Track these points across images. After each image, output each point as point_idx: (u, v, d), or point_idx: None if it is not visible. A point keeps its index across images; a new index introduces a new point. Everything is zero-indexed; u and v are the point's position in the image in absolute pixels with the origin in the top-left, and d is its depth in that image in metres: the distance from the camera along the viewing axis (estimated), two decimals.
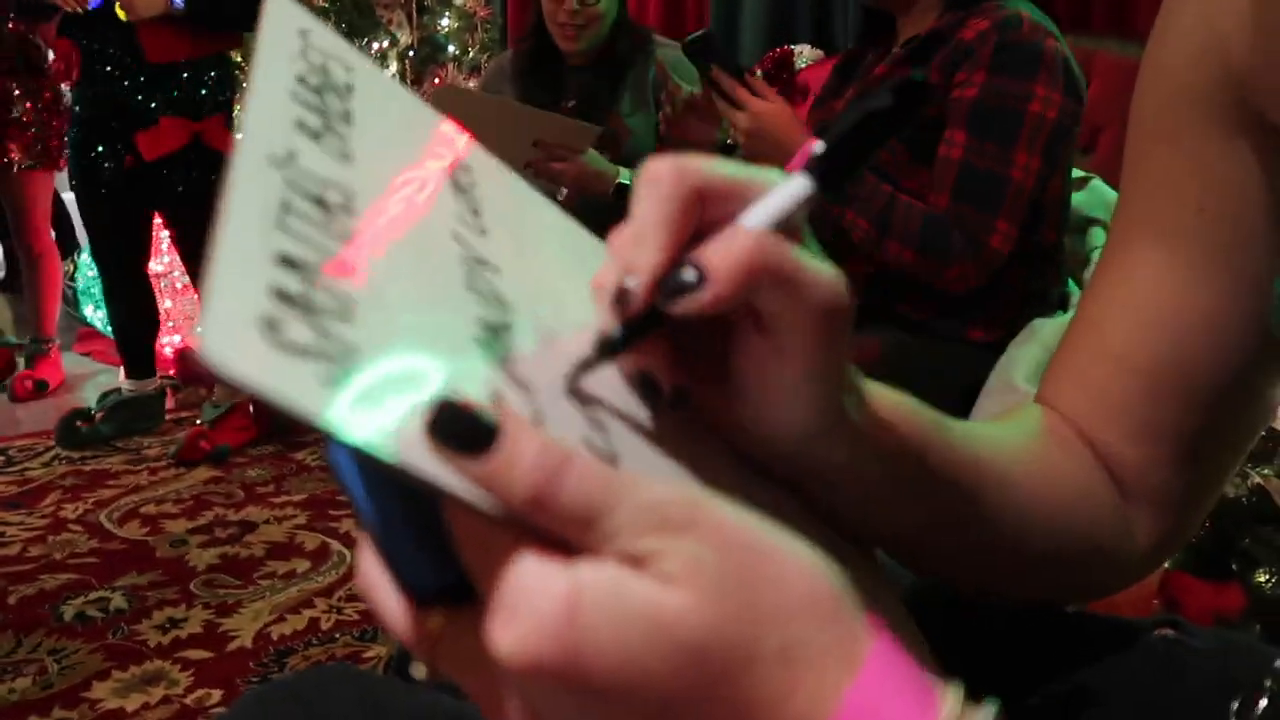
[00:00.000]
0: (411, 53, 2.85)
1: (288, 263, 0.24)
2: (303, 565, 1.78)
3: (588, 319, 0.31)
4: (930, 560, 0.43)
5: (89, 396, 2.73)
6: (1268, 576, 0.91)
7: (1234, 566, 0.97)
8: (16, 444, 2.43)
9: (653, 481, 0.25)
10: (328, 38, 0.33)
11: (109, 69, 2.18)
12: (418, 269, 0.28)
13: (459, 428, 0.23)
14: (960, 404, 1.30)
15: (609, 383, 0.32)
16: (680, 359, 0.31)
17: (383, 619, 0.26)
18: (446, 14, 2.84)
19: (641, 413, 0.32)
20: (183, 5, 2.07)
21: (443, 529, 0.25)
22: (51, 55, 2.47)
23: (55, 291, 2.86)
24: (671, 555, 0.24)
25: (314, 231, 0.25)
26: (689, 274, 0.28)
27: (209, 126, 2.21)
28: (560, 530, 0.24)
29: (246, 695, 0.40)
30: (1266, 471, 0.96)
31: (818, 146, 0.30)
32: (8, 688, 1.41)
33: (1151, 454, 0.46)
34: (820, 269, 0.29)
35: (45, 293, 2.80)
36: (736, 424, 0.33)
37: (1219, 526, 0.99)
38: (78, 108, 2.28)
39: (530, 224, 0.38)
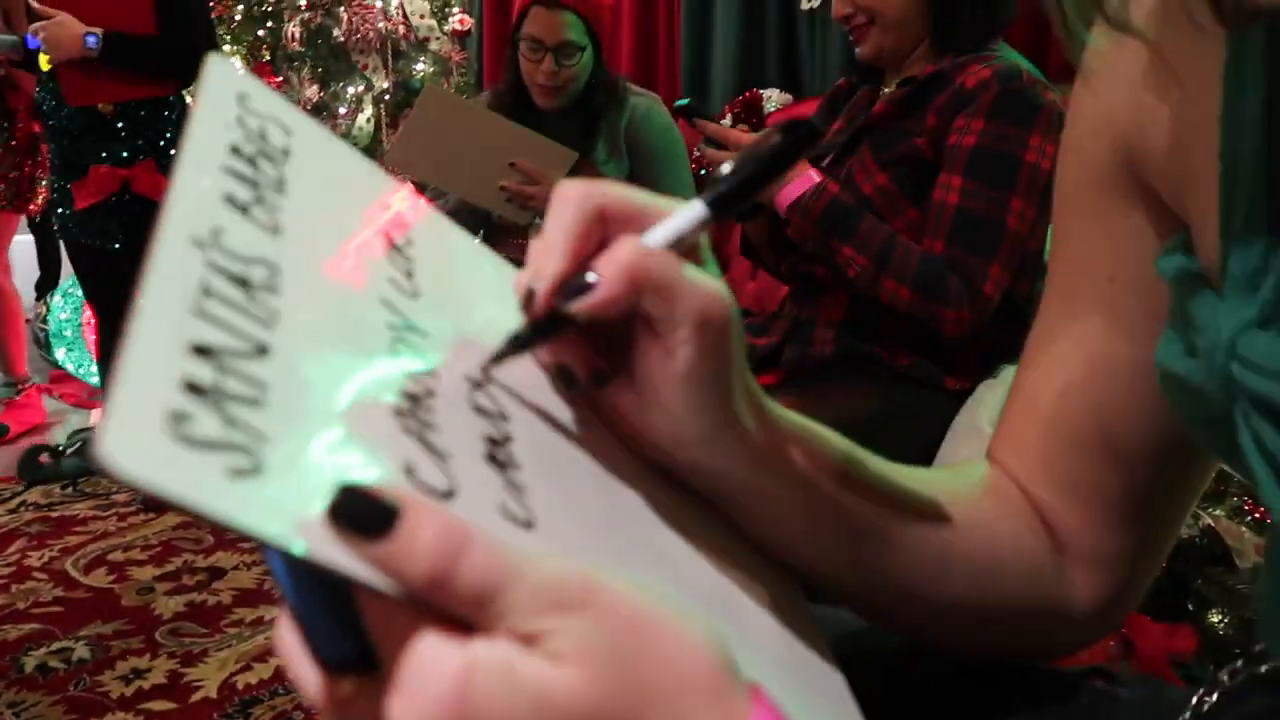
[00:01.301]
0: (387, 97, 2.88)
1: (201, 351, 0.24)
2: (271, 612, 1.75)
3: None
4: (849, 587, 0.44)
5: (58, 438, 2.70)
6: (1220, 617, 0.92)
7: (1190, 607, 0.98)
8: None
9: (548, 562, 0.25)
10: (267, 100, 0.33)
11: (52, 116, 2.19)
12: (339, 342, 0.29)
13: (359, 513, 0.23)
14: (934, 450, 1.32)
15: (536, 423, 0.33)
16: (596, 361, 0.35)
17: (298, 684, 0.27)
18: (422, 59, 2.88)
19: (562, 456, 0.33)
20: (96, 46, 2.02)
21: (352, 603, 0.25)
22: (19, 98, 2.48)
23: (16, 332, 2.83)
24: (562, 634, 0.24)
25: (233, 315, 0.25)
26: (585, 279, 0.32)
27: (137, 173, 2.16)
28: (458, 609, 0.24)
29: None
30: (1217, 512, 0.98)
31: (721, 180, 0.34)
32: None
33: (1083, 513, 0.47)
34: (699, 280, 0.32)
35: (6, 334, 2.78)
36: (643, 426, 0.36)
37: (1172, 568, 1.01)
38: (53, 158, 2.29)
39: (468, 280, 0.39)
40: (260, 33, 2.96)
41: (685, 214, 0.33)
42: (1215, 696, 0.47)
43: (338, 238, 0.33)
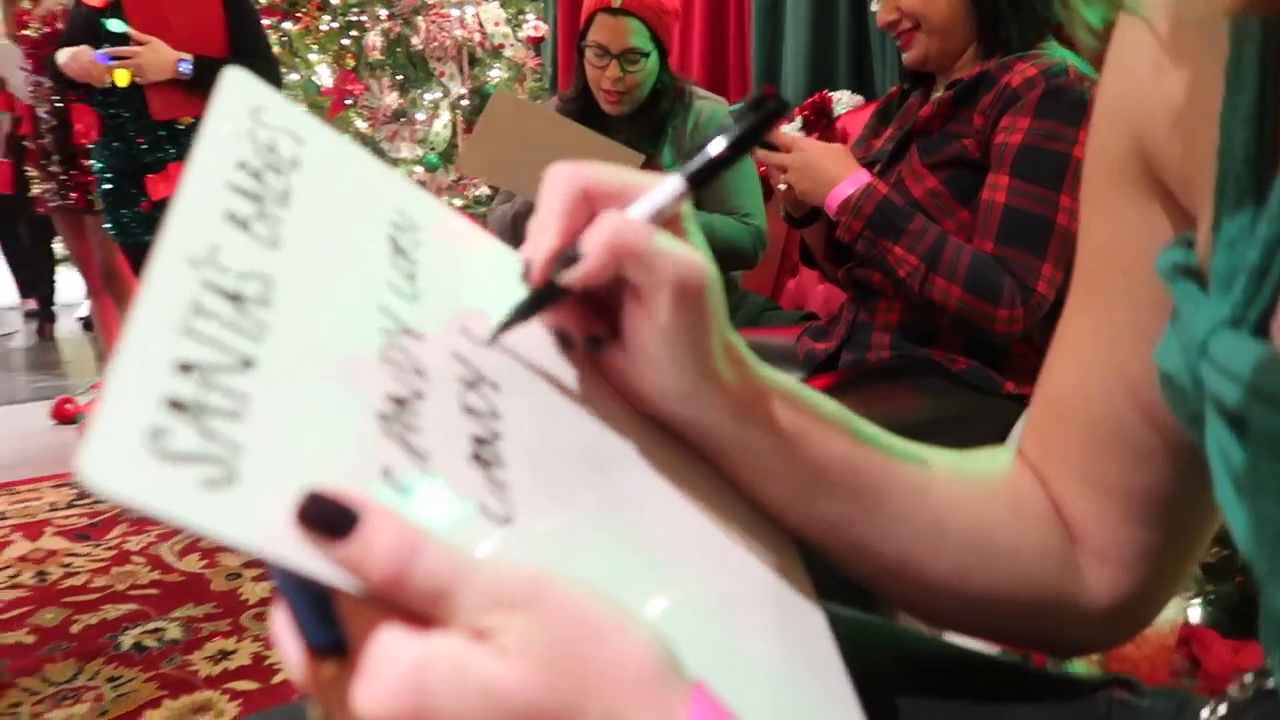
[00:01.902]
0: (464, 102, 2.95)
1: (185, 368, 0.25)
2: None
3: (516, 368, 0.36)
4: (849, 563, 0.45)
5: None
6: None
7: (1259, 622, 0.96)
8: None
9: (499, 564, 0.28)
10: (281, 112, 0.35)
11: (123, 129, 2.36)
12: (326, 350, 0.30)
13: (323, 517, 0.26)
14: None
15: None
16: (592, 328, 0.39)
17: (287, 665, 0.30)
18: (497, 65, 2.95)
19: (556, 444, 0.35)
20: (190, 72, 2.25)
21: (331, 595, 0.28)
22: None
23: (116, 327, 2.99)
24: (508, 630, 0.27)
25: (220, 330, 0.27)
26: (575, 252, 0.35)
27: None
28: (414, 606, 0.27)
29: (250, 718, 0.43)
30: None
31: (708, 149, 0.37)
32: (66, 713, 1.49)
33: (1100, 506, 0.47)
34: (674, 249, 0.36)
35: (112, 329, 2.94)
36: (635, 383, 0.40)
37: (1246, 583, 0.98)
38: (99, 165, 2.43)
39: (476, 278, 0.40)
40: (345, 42, 3.07)
41: (662, 188, 0.37)
42: (1224, 708, 0.47)
43: (339, 247, 0.34)
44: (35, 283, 4.86)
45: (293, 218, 0.32)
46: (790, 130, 2.42)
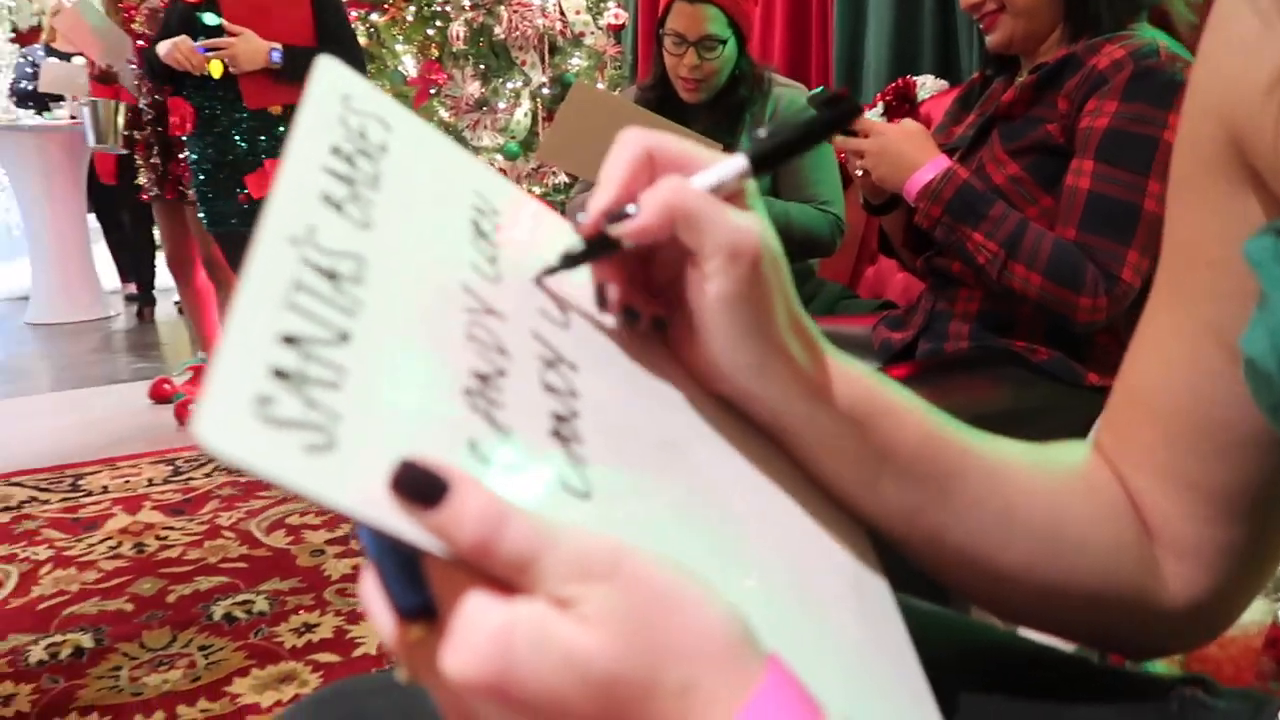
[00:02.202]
0: (545, 91, 2.98)
1: (289, 340, 0.27)
2: None
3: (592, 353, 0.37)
4: (916, 550, 0.45)
5: None
6: None
7: None
8: (183, 455, 2.66)
9: (582, 534, 0.29)
10: (370, 99, 0.36)
11: (217, 120, 2.45)
12: (416, 326, 0.31)
13: (416, 485, 0.27)
14: None
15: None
16: (655, 308, 0.40)
17: (376, 628, 0.31)
18: (577, 53, 2.97)
19: (632, 423, 0.36)
20: (280, 61, 2.33)
21: (419, 560, 0.29)
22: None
23: (210, 310, 3.10)
24: (589, 600, 0.28)
25: (320, 306, 0.28)
26: (628, 210, 0.36)
27: None
28: (501, 572, 0.28)
29: (305, 699, 0.46)
30: None
31: (761, 131, 0.38)
32: (161, 678, 1.56)
33: (1180, 502, 0.46)
34: (729, 215, 0.36)
35: (201, 313, 3.05)
36: (700, 359, 0.40)
37: None
38: (194, 156, 2.52)
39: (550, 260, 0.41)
40: (430, 32, 3.13)
41: (726, 163, 0.38)
42: None
43: (425, 228, 0.35)
44: (136, 268, 5.07)
45: (382, 200, 0.33)
46: (872, 116, 2.38)
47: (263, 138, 2.44)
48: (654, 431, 0.37)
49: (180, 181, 2.84)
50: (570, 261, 0.38)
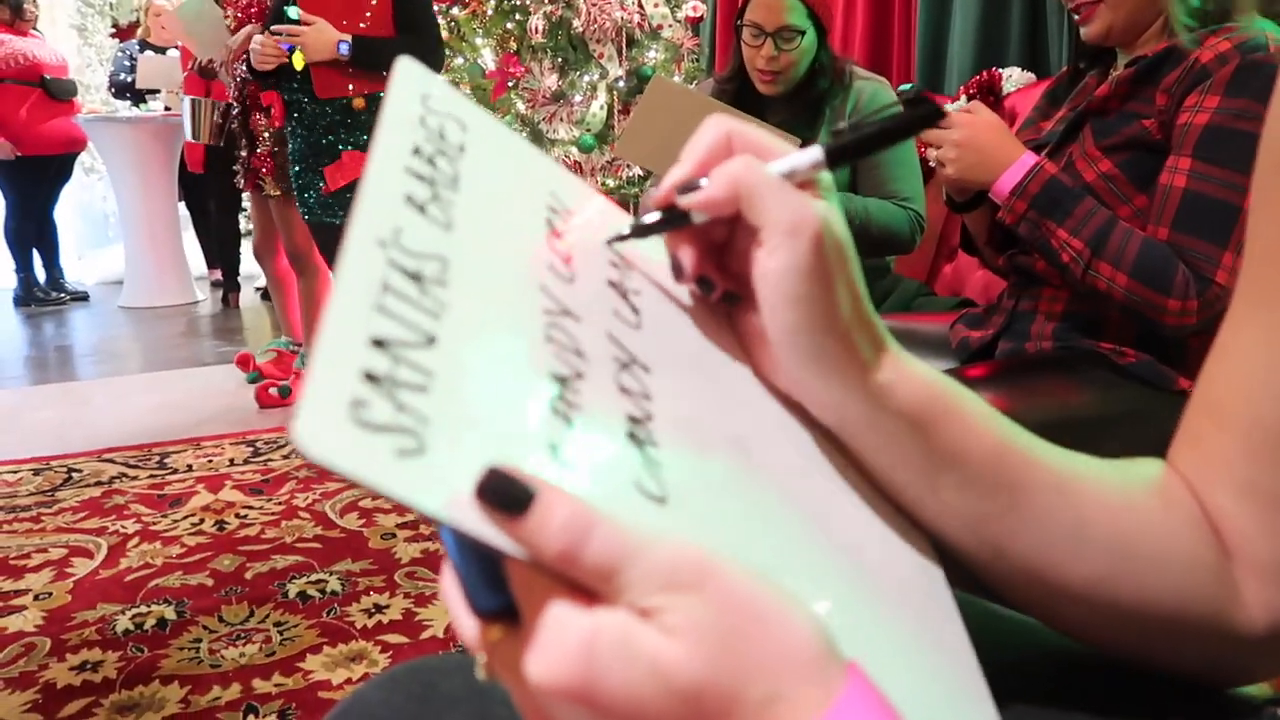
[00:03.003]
0: (621, 84, 2.98)
1: (379, 344, 0.27)
2: None
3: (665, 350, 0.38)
4: (983, 566, 0.44)
5: None
6: None
7: None
8: (263, 437, 2.74)
9: (668, 544, 0.28)
10: (448, 98, 0.37)
11: (303, 111, 2.51)
12: (497, 328, 0.32)
13: (501, 493, 0.27)
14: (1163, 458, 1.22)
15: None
16: (727, 283, 0.41)
17: (456, 628, 0.32)
18: (654, 46, 2.96)
19: (704, 427, 0.36)
20: (347, 53, 2.37)
21: (500, 563, 0.29)
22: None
23: (319, 307, 3.17)
24: (675, 610, 0.28)
25: (407, 309, 0.29)
26: (698, 183, 0.38)
27: None
28: (585, 581, 0.28)
29: (379, 676, 0.46)
30: None
31: (842, 124, 0.40)
32: (239, 651, 1.61)
33: (1262, 519, 0.44)
34: (793, 194, 0.37)
35: (311, 308, 3.11)
36: (765, 344, 0.40)
37: None
38: (291, 147, 2.59)
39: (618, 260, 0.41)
40: (509, 26, 3.15)
41: (802, 153, 0.38)
42: None
43: (503, 229, 0.36)
44: (222, 255, 5.24)
45: (462, 201, 0.34)
46: (955, 109, 2.33)
47: (341, 130, 2.49)
48: (725, 430, 0.37)
49: (259, 174, 2.92)
50: (642, 230, 0.39)
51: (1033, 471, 0.42)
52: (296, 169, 2.57)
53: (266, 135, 2.87)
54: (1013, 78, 2.36)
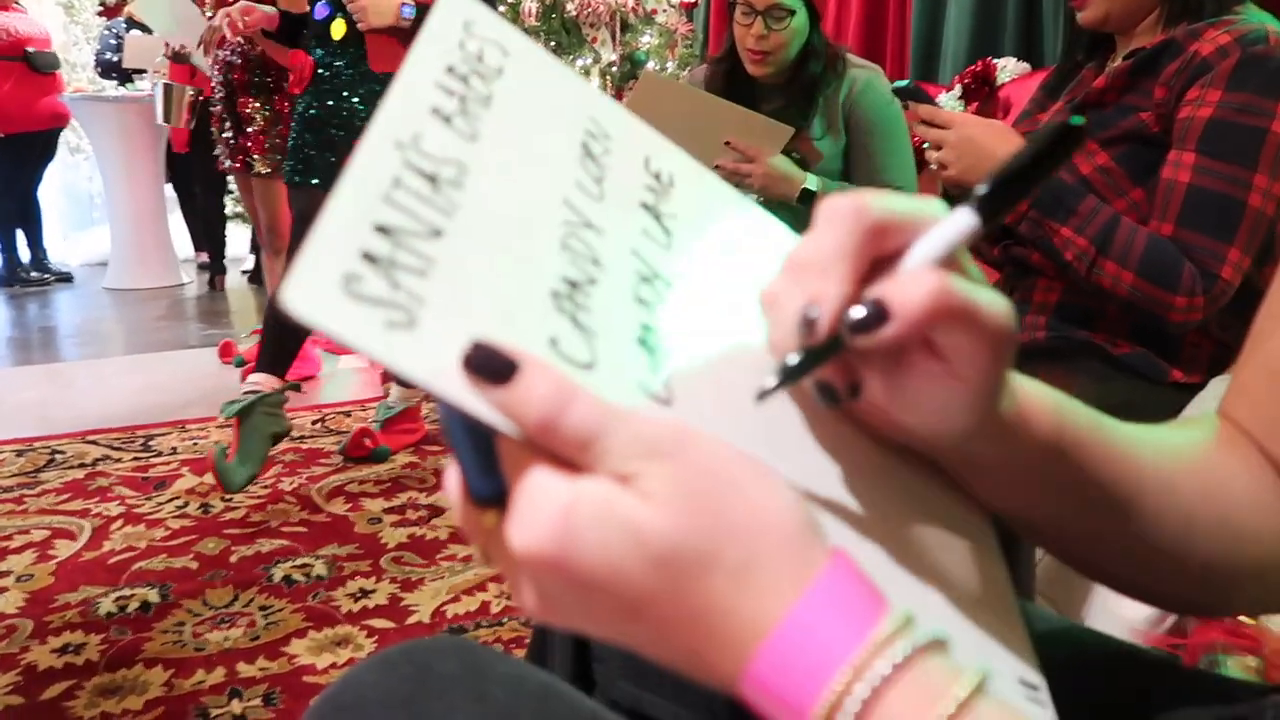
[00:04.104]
0: (614, 69, 2.97)
1: (382, 230, 0.29)
2: None
3: (694, 285, 0.37)
4: (1080, 552, 0.44)
5: (332, 393, 3.01)
6: None
7: None
8: None
9: (646, 416, 0.29)
10: (493, 25, 0.37)
11: (335, 80, 2.32)
12: (510, 230, 0.33)
13: (485, 364, 0.28)
14: None
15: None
16: (852, 375, 0.35)
17: (456, 516, 0.33)
18: (648, 31, 2.94)
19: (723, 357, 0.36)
20: (412, 16, 2.18)
21: (496, 451, 0.31)
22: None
23: None
24: (653, 476, 0.28)
25: (416, 204, 0.30)
26: (873, 310, 0.31)
27: None
28: (565, 451, 0.29)
29: (373, 657, 0.45)
30: None
31: (981, 186, 0.33)
32: (223, 635, 1.60)
33: None
34: (993, 303, 0.32)
35: None
36: (892, 426, 0.36)
37: None
38: (300, 109, 2.39)
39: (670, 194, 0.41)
40: (501, 8, 3.13)
41: (955, 224, 0.33)
42: None
43: (532, 145, 0.36)
44: (208, 237, 5.20)
45: (492, 118, 0.35)
46: (949, 99, 2.32)
47: (377, 105, 2.37)
48: (739, 350, 0.37)
49: (248, 153, 2.89)
50: (797, 373, 0.33)
51: (1143, 479, 0.41)
52: (308, 135, 2.34)
53: (259, 117, 2.82)
54: (1008, 68, 2.35)
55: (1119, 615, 1.15)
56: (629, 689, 0.55)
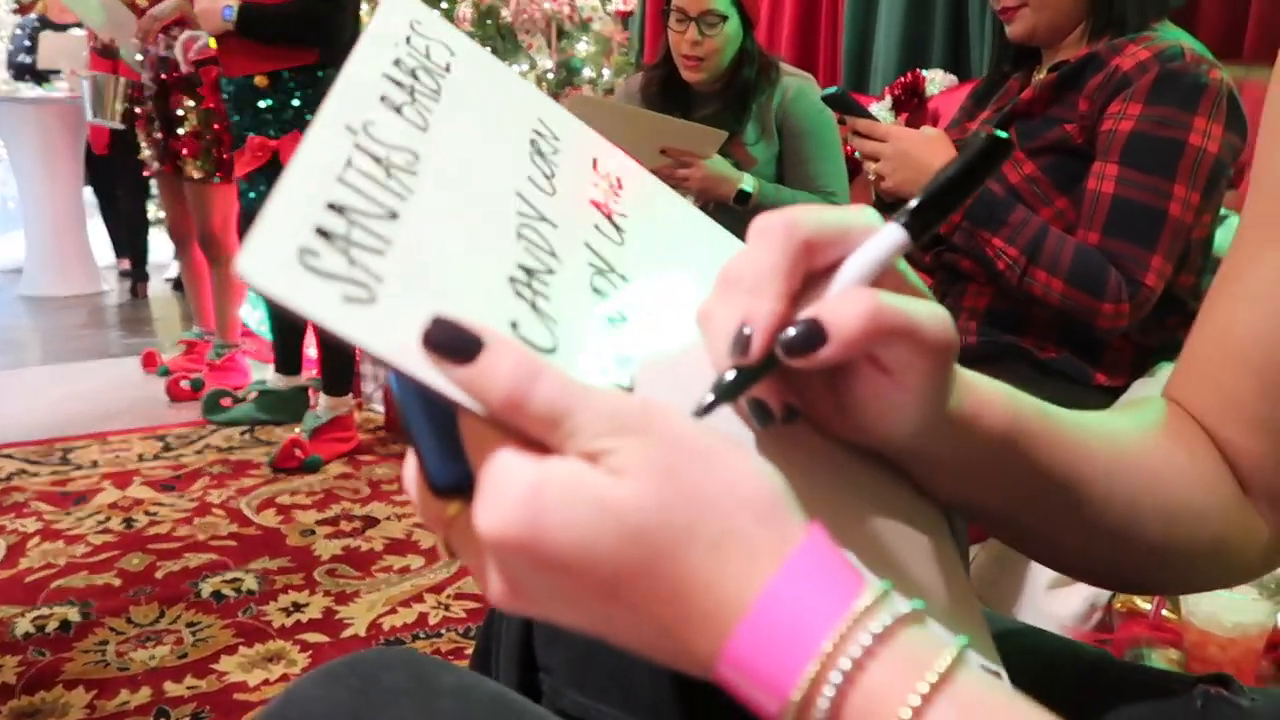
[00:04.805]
0: (550, 75, 2.96)
1: (335, 208, 0.29)
2: (417, 562, 1.87)
3: (646, 282, 0.38)
4: (1027, 537, 0.44)
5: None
6: None
7: None
8: (174, 432, 2.64)
9: (613, 392, 0.29)
10: (438, 26, 0.38)
11: (225, 90, 2.38)
12: (465, 217, 0.33)
13: (448, 340, 0.27)
14: None
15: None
16: (787, 395, 0.35)
17: (417, 506, 0.32)
18: (584, 38, 2.94)
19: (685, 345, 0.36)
20: (231, 19, 2.17)
21: (458, 435, 0.30)
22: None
23: (232, 297, 3.04)
24: (623, 451, 0.27)
25: (369, 185, 0.30)
26: (809, 332, 0.31)
27: (284, 144, 2.31)
28: (532, 429, 0.28)
29: (317, 670, 0.44)
30: None
31: (912, 201, 0.33)
32: (149, 654, 1.54)
33: (1273, 451, 0.46)
34: (931, 315, 0.32)
35: (224, 298, 3.00)
36: (840, 431, 0.37)
37: None
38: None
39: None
40: (435, 12, 3.10)
41: (885, 241, 0.33)
42: None
43: (483, 139, 0.36)
44: (130, 243, 5.03)
45: (442, 110, 0.35)
46: (881, 109, 2.37)
47: (251, 113, 2.34)
48: (697, 357, 0.36)
49: (178, 156, 2.81)
50: (732, 391, 0.33)
51: (1091, 463, 0.42)
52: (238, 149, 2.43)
53: (193, 117, 2.74)
54: (936, 80, 2.41)
55: (1049, 613, 1.18)
56: (576, 698, 0.54)
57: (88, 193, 5.11)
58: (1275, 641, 1.04)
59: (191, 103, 2.73)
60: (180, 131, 2.77)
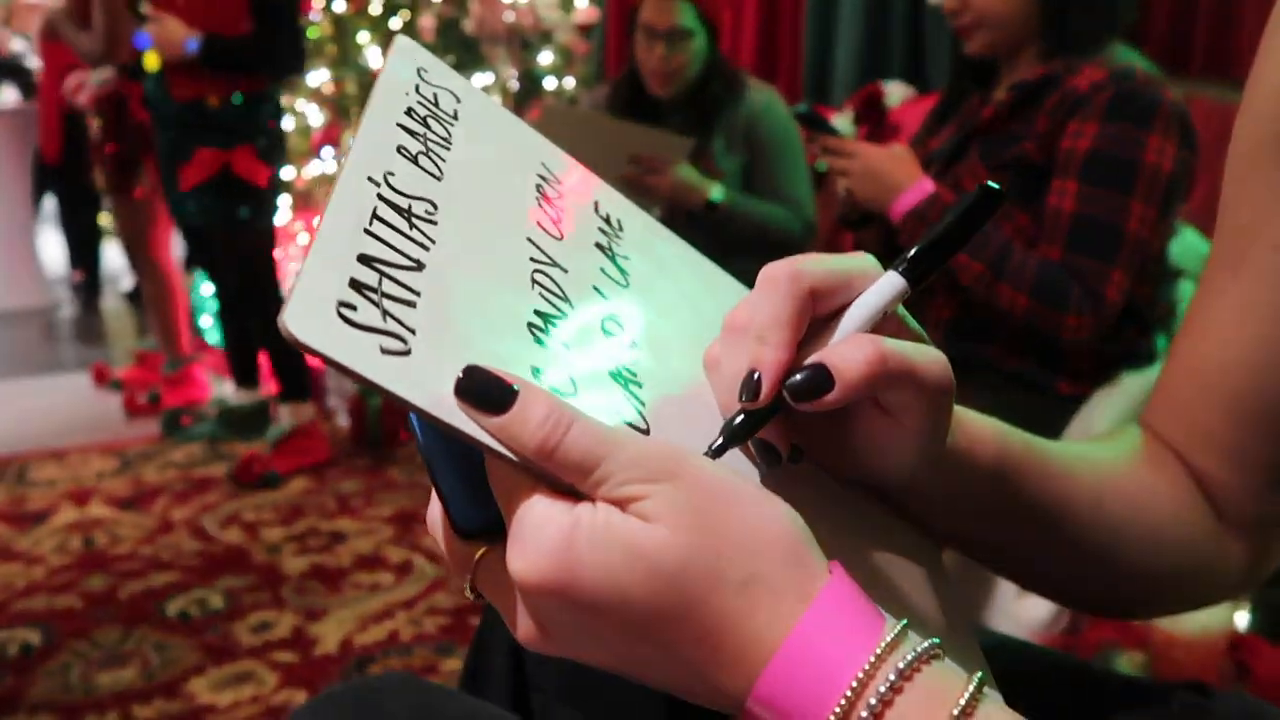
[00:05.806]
0: (514, 86, 2.96)
1: (366, 260, 0.30)
2: (387, 578, 1.85)
3: (642, 317, 0.39)
4: (1014, 566, 0.46)
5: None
6: None
7: None
8: (133, 448, 2.59)
9: (642, 440, 0.30)
10: (443, 74, 0.40)
11: (160, 111, 2.39)
12: (484, 265, 0.34)
13: (482, 389, 0.29)
14: None
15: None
16: (793, 437, 0.36)
17: (441, 548, 0.33)
18: (547, 49, 2.95)
19: (690, 385, 0.37)
20: (196, 49, 2.23)
21: (483, 480, 0.31)
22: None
23: (176, 309, 3.01)
24: (653, 498, 0.29)
25: (395, 236, 0.31)
26: (816, 377, 0.33)
27: (236, 156, 2.34)
28: (564, 476, 0.29)
29: (318, 697, 0.44)
30: None
31: (912, 251, 0.35)
32: (114, 676, 1.52)
33: (1245, 481, 0.47)
34: (931, 360, 0.34)
35: (166, 311, 2.96)
36: (841, 469, 0.38)
37: None
38: (159, 145, 2.47)
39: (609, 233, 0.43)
40: (396, 24, 3.08)
41: (885, 288, 0.35)
42: None
43: (494, 186, 0.38)
44: (81, 255, 4.93)
45: (454, 159, 0.36)
46: (842, 121, 2.40)
47: (199, 129, 2.34)
48: (705, 397, 0.38)
49: (138, 166, 2.78)
50: (740, 435, 0.34)
51: (1075, 494, 0.44)
52: (162, 163, 2.45)
53: (121, 133, 2.72)
54: (895, 93, 2.45)
55: (1017, 618, 1.21)
56: (569, 714, 0.55)
57: (50, 202, 5.01)
58: (1236, 642, 1.07)
59: (122, 119, 2.72)
60: (133, 147, 2.75)
